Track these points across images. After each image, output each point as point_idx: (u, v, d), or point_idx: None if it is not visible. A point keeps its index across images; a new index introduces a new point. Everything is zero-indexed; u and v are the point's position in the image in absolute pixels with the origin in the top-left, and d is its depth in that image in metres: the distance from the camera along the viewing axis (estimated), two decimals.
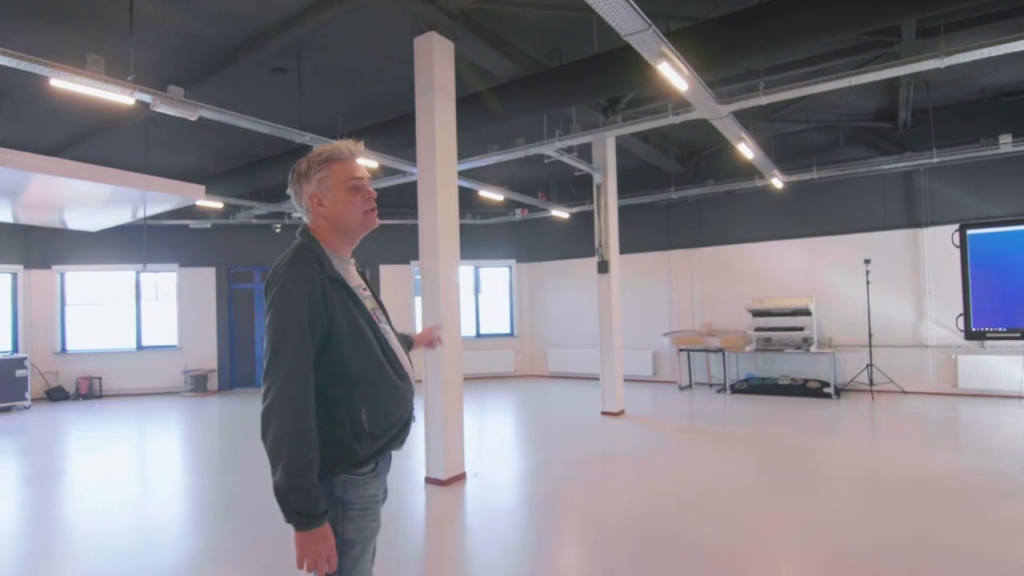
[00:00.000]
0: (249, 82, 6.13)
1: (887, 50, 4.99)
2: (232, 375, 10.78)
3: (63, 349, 10.18)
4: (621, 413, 7.32)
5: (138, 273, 10.62)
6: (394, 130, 6.42)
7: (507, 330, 11.77)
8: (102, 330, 10.58)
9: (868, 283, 7.97)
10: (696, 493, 4.29)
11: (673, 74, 4.04)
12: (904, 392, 7.94)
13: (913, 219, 8.06)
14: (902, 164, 7.48)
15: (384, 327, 1.60)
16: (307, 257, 1.46)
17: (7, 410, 8.79)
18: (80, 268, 10.32)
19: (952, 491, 4.06)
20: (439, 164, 4.58)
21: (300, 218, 1.62)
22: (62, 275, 10.30)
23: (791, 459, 5.11)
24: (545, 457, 5.50)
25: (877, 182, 8.27)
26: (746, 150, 6.20)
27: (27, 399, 8.97)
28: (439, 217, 4.57)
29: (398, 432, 1.56)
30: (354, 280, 1.58)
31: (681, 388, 9.37)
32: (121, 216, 7.31)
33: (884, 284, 8.14)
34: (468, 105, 5.86)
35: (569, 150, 6.44)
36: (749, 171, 8.29)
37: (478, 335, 11.57)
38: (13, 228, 9.44)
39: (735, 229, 9.54)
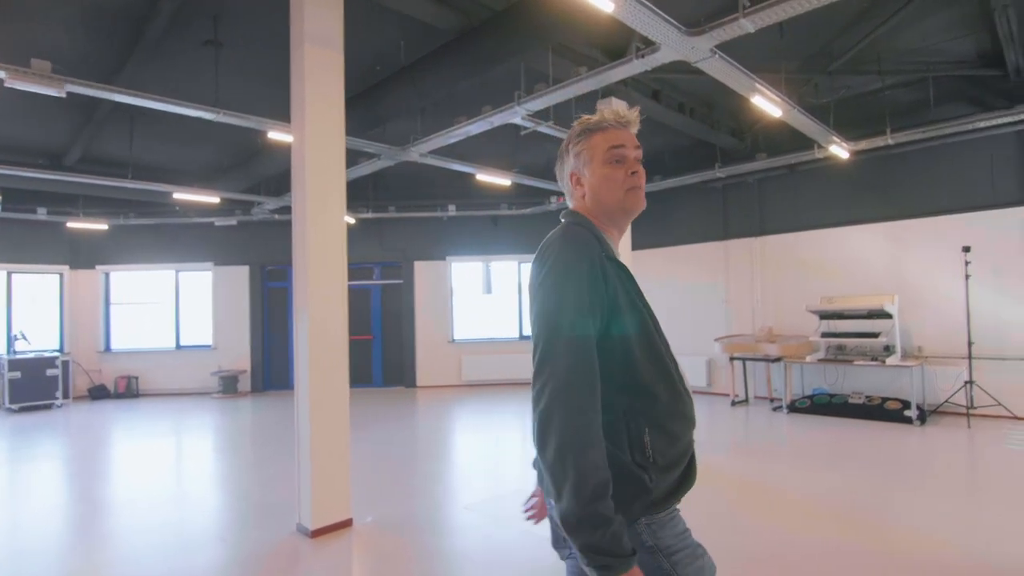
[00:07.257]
0: (187, 62, 5.59)
1: None
2: (266, 376, 10.66)
3: (107, 348, 10.50)
4: None
5: (177, 272, 10.79)
6: (351, 107, 5.64)
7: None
8: (144, 330, 10.75)
9: (967, 277, 6.23)
10: None
11: None
12: (1016, 418, 6.14)
13: None
14: (1008, 119, 5.73)
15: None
16: (583, 234, 1.23)
17: (47, 407, 8.91)
18: (123, 268, 10.60)
19: None
20: (309, 138, 3.71)
21: None
22: (106, 275, 10.63)
23: (838, 530, 3.63)
24: (460, 497, 4.46)
25: (982, 147, 6.47)
26: (767, 105, 4.88)
27: (58, 397, 9.07)
28: (308, 206, 3.68)
29: (689, 464, 1.26)
30: None
31: (733, 403, 7.98)
32: None
33: (990, 278, 6.35)
34: (416, 72, 5.04)
35: (547, 117, 5.37)
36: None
37: (522, 337, 10.74)
38: (58, 229, 9.79)
39: (802, 213, 8.00)
